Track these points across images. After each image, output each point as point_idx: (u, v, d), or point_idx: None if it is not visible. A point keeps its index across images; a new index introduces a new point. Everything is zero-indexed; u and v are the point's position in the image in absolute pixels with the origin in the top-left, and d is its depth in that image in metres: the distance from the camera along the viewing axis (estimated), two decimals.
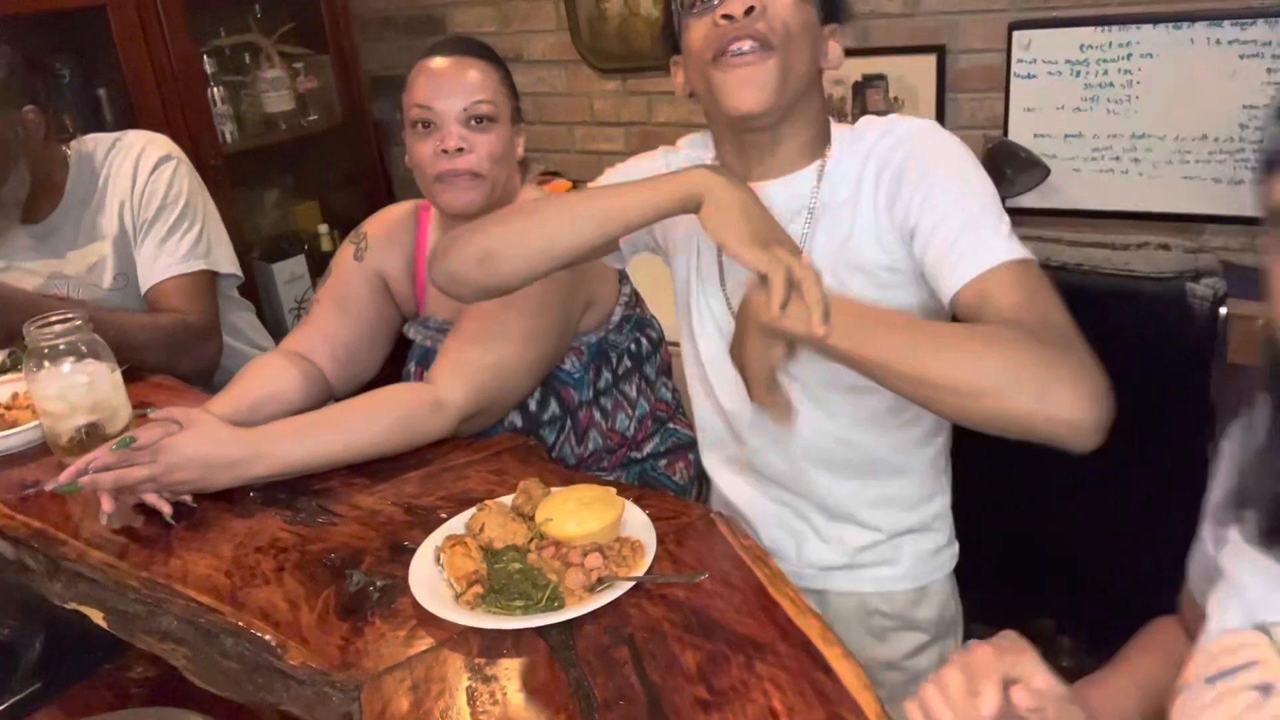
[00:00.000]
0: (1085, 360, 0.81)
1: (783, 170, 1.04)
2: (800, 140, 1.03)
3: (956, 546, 1.17)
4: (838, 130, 1.06)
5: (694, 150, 1.16)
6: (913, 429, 1.09)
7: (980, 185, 0.95)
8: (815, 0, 1.00)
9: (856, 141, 1.03)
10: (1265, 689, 0.52)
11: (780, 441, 1.09)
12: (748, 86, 0.96)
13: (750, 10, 0.94)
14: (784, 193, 1.03)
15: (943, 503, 1.15)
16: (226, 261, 1.70)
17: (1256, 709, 0.51)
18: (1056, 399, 0.77)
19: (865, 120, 1.04)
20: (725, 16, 0.95)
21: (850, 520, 1.12)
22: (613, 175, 1.19)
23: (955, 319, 0.92)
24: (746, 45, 0.95)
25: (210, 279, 1.67)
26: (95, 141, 1.67)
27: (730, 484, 1.20)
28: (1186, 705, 0.56)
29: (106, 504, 1.07)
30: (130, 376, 1.36)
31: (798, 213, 1.03)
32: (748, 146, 1.04)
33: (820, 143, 1.05)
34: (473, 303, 1.16)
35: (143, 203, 1.62)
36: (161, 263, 1.62)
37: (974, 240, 0.90)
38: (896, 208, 0.97)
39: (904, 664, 1.15)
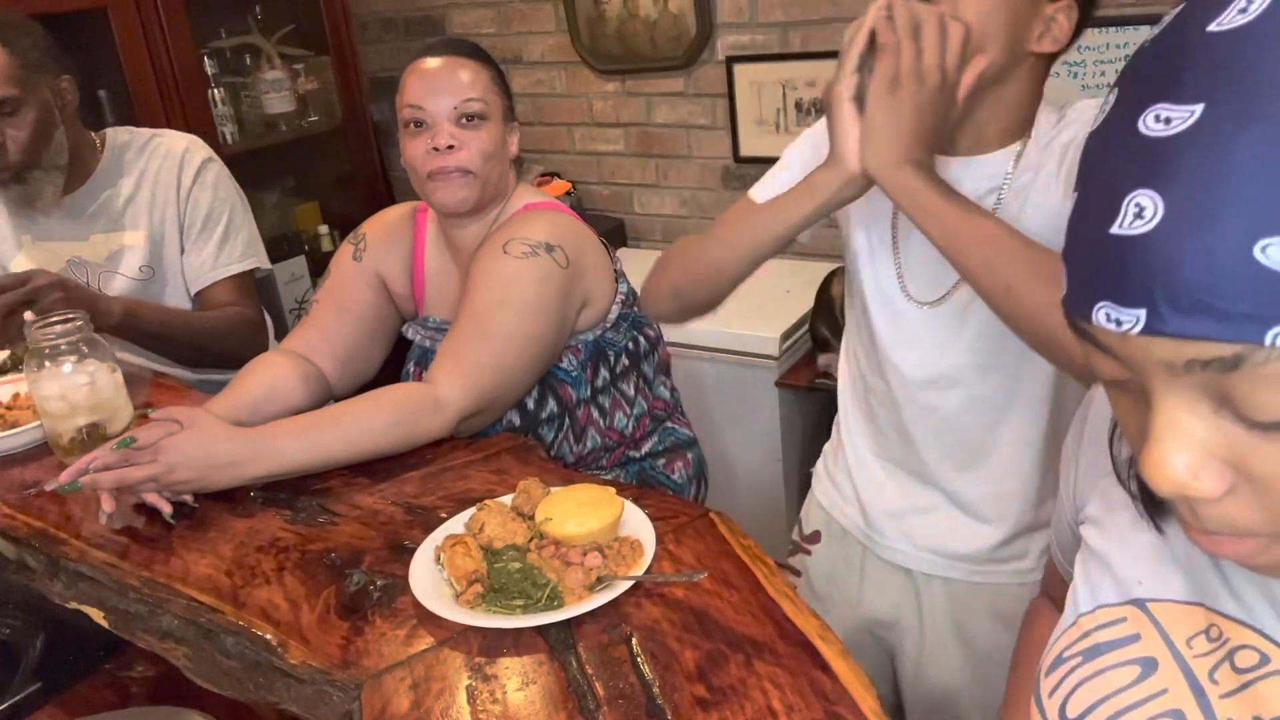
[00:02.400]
0: None
1: (974, 149, 1.02)
2: (997, 125, 1.00)
3: None
4: (1045, 112, 1.02)
5: None
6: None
7: None
8: None
9: (1054, 128, 1.01)
10: (1147, 663, 0.52)
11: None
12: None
13: None
14: (976, 172, 1.02)
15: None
16: (265, 258, 1.81)
17: (1138, 682, 0.52)
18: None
19: (1076, 105, 1.01)
20: None
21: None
22: (801, 149, 1.16)
23: None
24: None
25: (252, 274, 1.77)
26: (130, 134, 1.72)
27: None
28: (1065, 680, 0.56)
29: (107, 503, 1.07)
30: (130, 378, 1.37)
31: (988, 194, 1.02)
32: None
33: (1022, 125, 1.01)
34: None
35: (190, 206, 1.70)
36: (217, 266, 1.71)
37: None
38: None
39: None
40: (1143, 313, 0.39)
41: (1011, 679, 0.81)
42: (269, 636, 0.89)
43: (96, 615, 1.01)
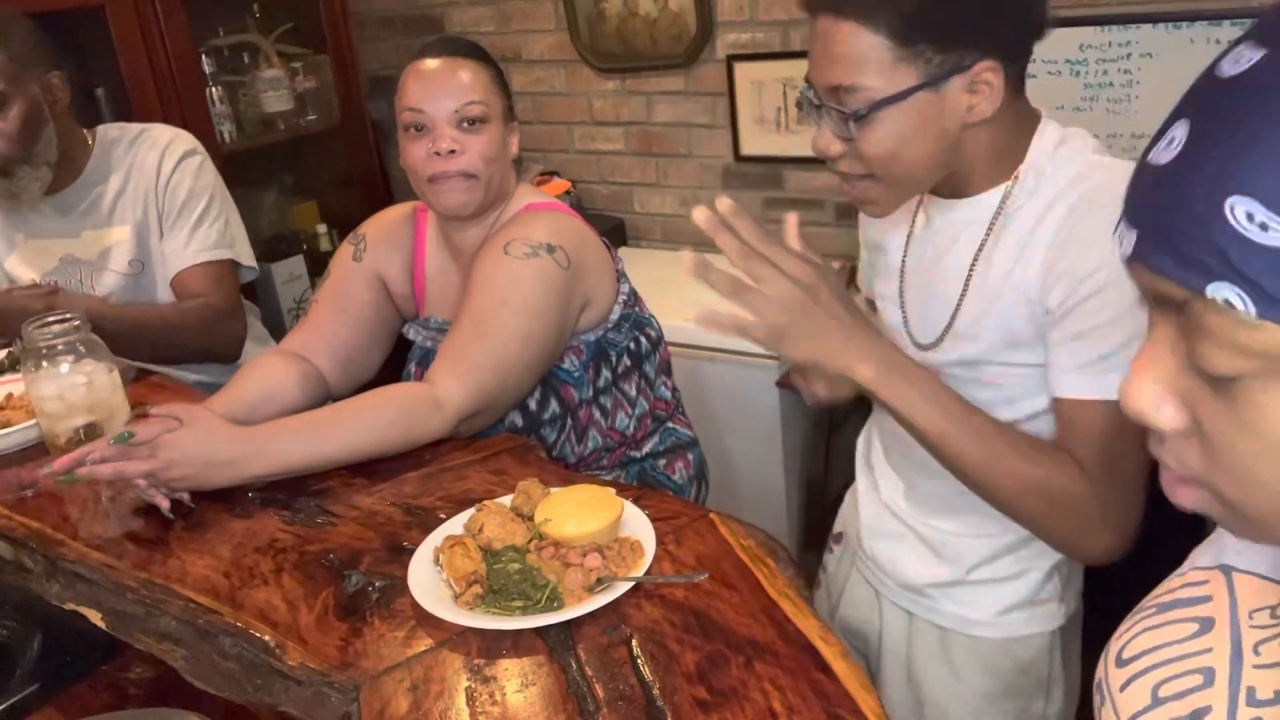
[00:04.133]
0: (1128, 502, 0.90)
1: (964, 191, 0.98)
2: (981, 170, 0.96)
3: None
4: (1039, 146, 0.95)
5: None
6: None
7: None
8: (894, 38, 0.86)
9: (1053, 168, 0.94)
10: (1205, 623, 0.54)
11: None
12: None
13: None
14: (971, 215, 0.98)
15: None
16: (247, 255, 1.77)
17: (1190, 638, 0.54)
18: (1081, 548, 0.93)
19: (1070, 144, 0.94)
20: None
21: None
22: None
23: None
24: None
25: (232, 267, 1.74)
26: (120, 130, 1.72)
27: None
28: (1133, 626, 0.58)
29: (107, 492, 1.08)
30: (132, 378, 1.36)
31: (976, 237, 0.98)
32: None
33: (1009, 166, 0.95)
34: None
35: (169, 192, 1.68)
36: (189, 251, 1.68)
37: (1100, 367, 0.88)
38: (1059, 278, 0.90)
39: None
40: (1134, 236, 0.41)
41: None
42: (267, 638, 0.88)
43: (94, 616, 1.01)
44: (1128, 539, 0.90)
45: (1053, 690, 1.13)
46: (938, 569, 1.11)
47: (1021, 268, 0.93)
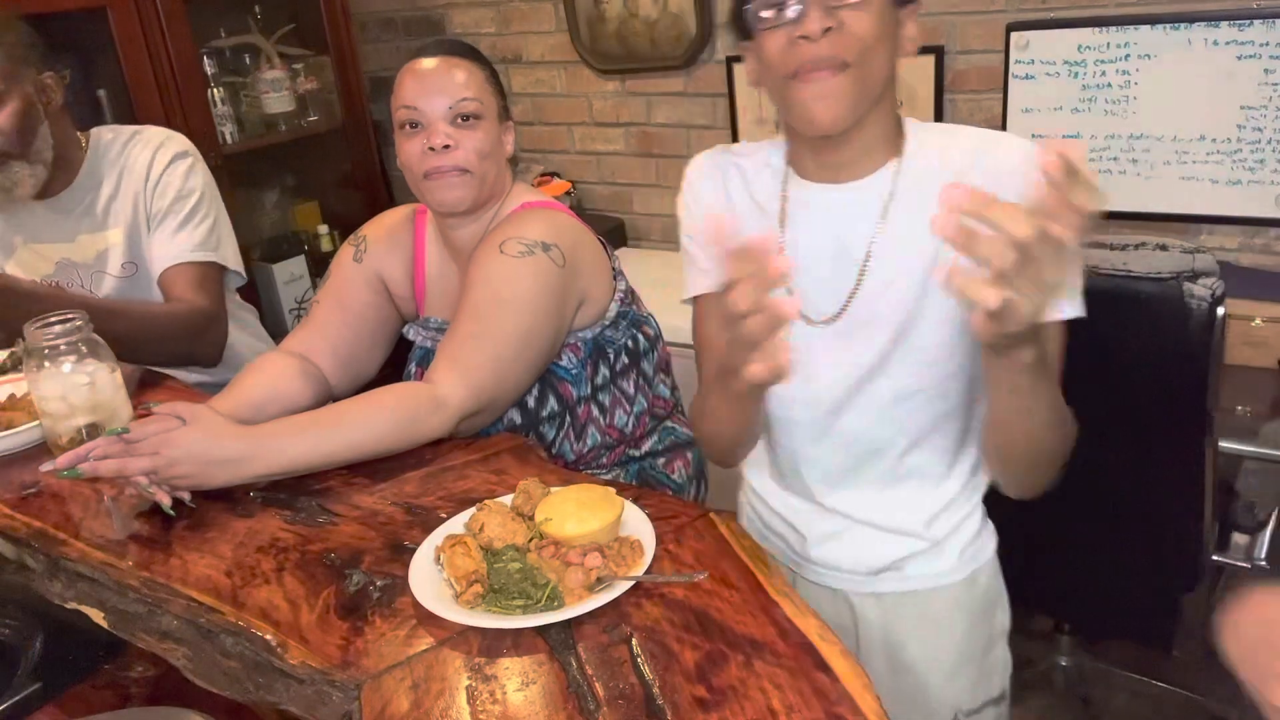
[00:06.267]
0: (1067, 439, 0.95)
1: (857, 171, 1.03)
2: (874, 138, 1.01)
3: None
4: (910, 125, 1.04)
5: (761, 153, 1.14)
6: None
7: None
8: None
9: (935, 138, 1.03)
10: None
11: None
12: (823, 101, 0.94)
13: (827, 30, 0.91)
14: (860, 195, 1.03)
15: None
16: (233, 259, 1.75)
17: None
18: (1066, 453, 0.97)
19: (954, 127, 1.03)
20: (802, 37, 0.92)
21: None
22: (686, 200, 1.20)
23: None
24: (823, 65, 0.93)
25: (218, 271, 1.71)
26: (114, 132, 1.71)
27: None
28: None
29: (162, 496, 1.08)
30: (145, 382, 1.37)
31: (872, 213, 1.03)
32: (823, 150, 1.03)
33: (894, 138, 1.03)
34: None
35: (157, 192, 1.67)
36: (173, 250, 1.66)
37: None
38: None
39: None
40: None
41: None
42: (268, 637, 0.89)
43: (96, 615, 1.01)
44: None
45: (1001, 598, 1.18)
46: (896, 544, 1.12)
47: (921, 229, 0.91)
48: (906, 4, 0.98)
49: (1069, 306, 0.95)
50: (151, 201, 1.67)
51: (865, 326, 1.03)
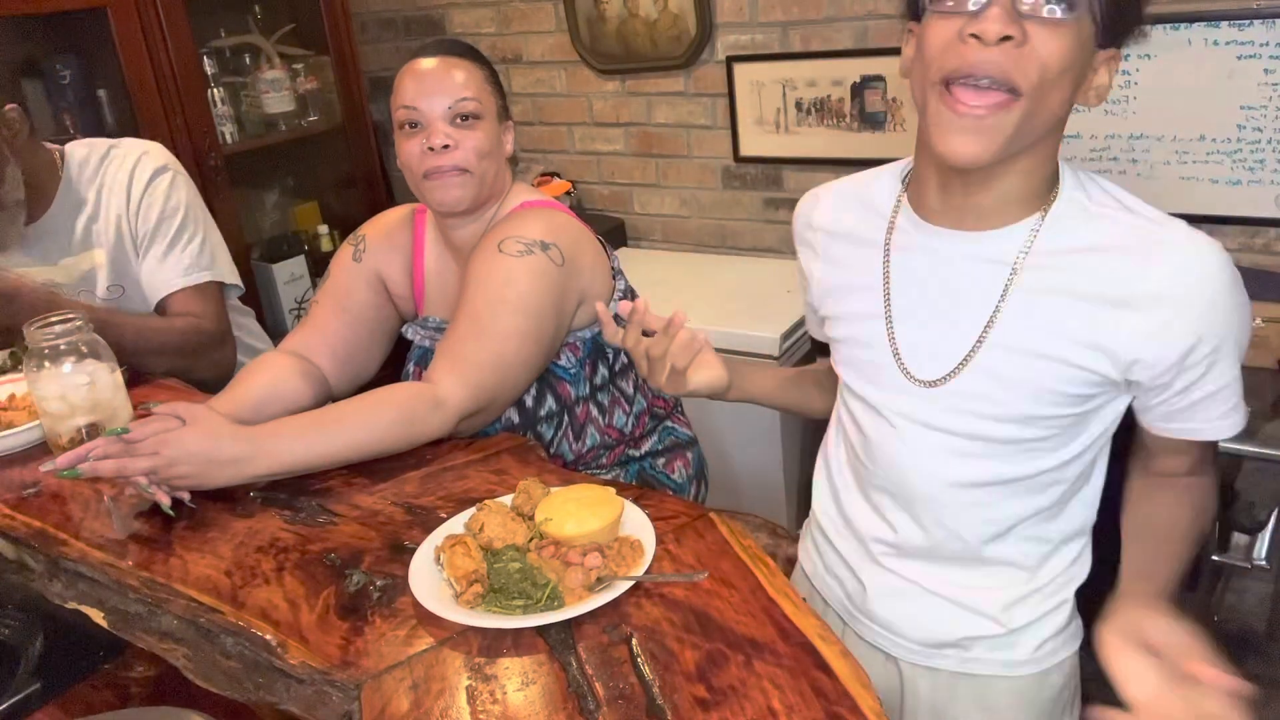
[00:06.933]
0: None
1: (993, 220, 0.89)
2: (1020, 188, 0.87)
3: None
4: (1066, 172, 0.89)
5: (880, 180, 1.00)
6: None
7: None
8: (1096, 19, 0.79)
9: (1087, 199, 0.88)
10: None
11: None
12: (970, 134, 0.80)
13: (1006, 39, 0.76)
14: (989, 249, 0.89)
15: None
16: (229, 273, 1.71)
17: None
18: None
19: (1120, 195, 0.88)
20: (974, 35, 0.77)
21: None
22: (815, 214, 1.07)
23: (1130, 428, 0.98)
24: (985, 84, 0.78)
25: (217, 288, 1.68)
26: (89, 147, 1.66)
27: None
28: None
29: (161, 497, 1.08)
30: (133, 379, 1.36)
31: (1000, 274, 0.89)
32: (952, 185, 0.88)
33: (1046, 188, 0.88)
34: None
35: (140, 216, 1.62)
36: (168, 276, 1.63)
37: (1209, 409, 0.92)
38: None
39: None
40: None
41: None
42: (268, 637, 0.89)
43: (96, 615, 1.01)
44: None
45: (1075, 701, 1.10)
46: (970, 624, 1.02)
47: (1058, 313, 0.87)
48: (1110, 46, 0.82)
49: (1211, 431, 0.94)
50: (136, 225, 1.62)
51: (972, 400, 0.92)
